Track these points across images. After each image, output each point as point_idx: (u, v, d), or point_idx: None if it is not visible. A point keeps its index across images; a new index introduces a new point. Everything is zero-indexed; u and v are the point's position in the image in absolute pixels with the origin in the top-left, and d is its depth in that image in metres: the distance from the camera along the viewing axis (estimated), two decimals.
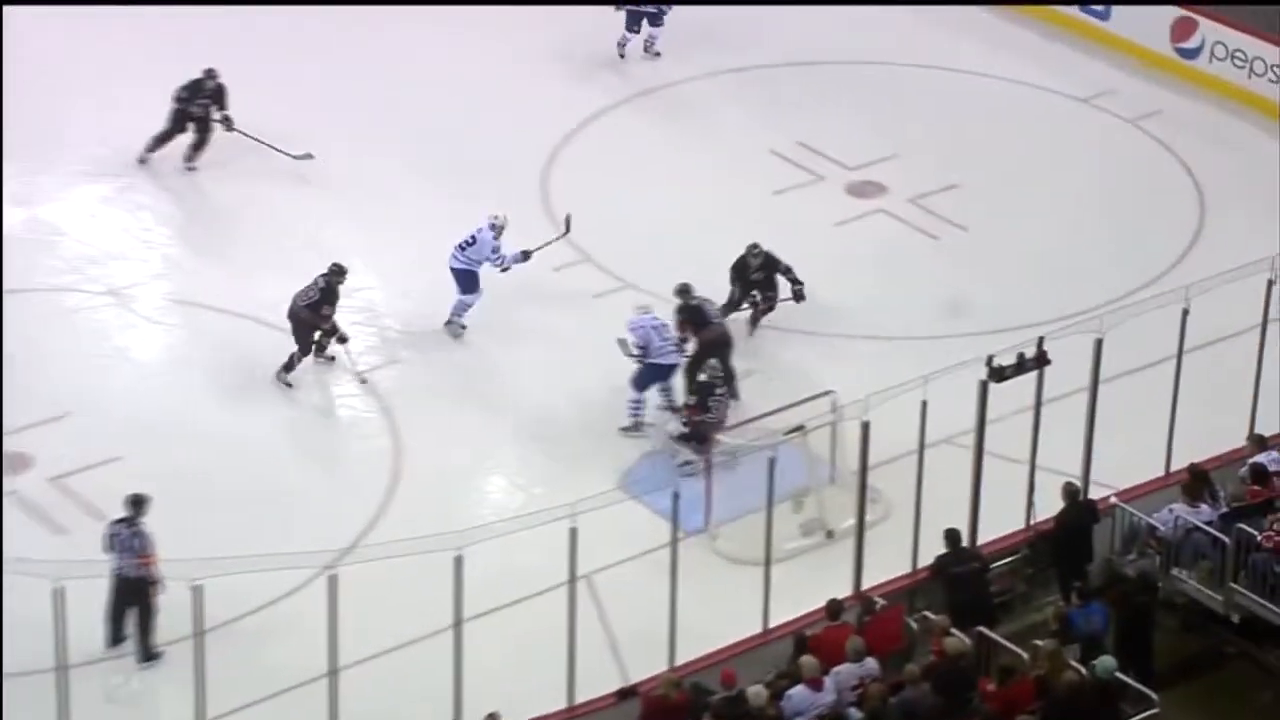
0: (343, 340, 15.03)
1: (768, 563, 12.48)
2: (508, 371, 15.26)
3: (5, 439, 14.09)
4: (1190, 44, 18.96)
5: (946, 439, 13.29)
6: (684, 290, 14.95)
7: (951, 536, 12.75)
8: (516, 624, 12.67)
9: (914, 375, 12.40)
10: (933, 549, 12.76)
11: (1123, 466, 13.53)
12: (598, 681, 12.06)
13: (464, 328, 15.52)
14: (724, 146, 18.06)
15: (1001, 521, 13.16)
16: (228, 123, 17.34)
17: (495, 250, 15.48)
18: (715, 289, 15.55)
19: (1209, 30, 18.83)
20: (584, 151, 18.02)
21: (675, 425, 14.30)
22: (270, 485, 14.03)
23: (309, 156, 17.32)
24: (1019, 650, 12.10)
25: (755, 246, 15.50)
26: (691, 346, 14.77)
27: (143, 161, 17.44)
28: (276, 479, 14.13)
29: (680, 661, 12.04)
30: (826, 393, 13.87)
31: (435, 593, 11.32)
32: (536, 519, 11.50)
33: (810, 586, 12.65)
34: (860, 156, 17.84)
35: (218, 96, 17.38)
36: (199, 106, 17.32)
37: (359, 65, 18.92)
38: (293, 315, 15.03)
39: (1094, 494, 13.23)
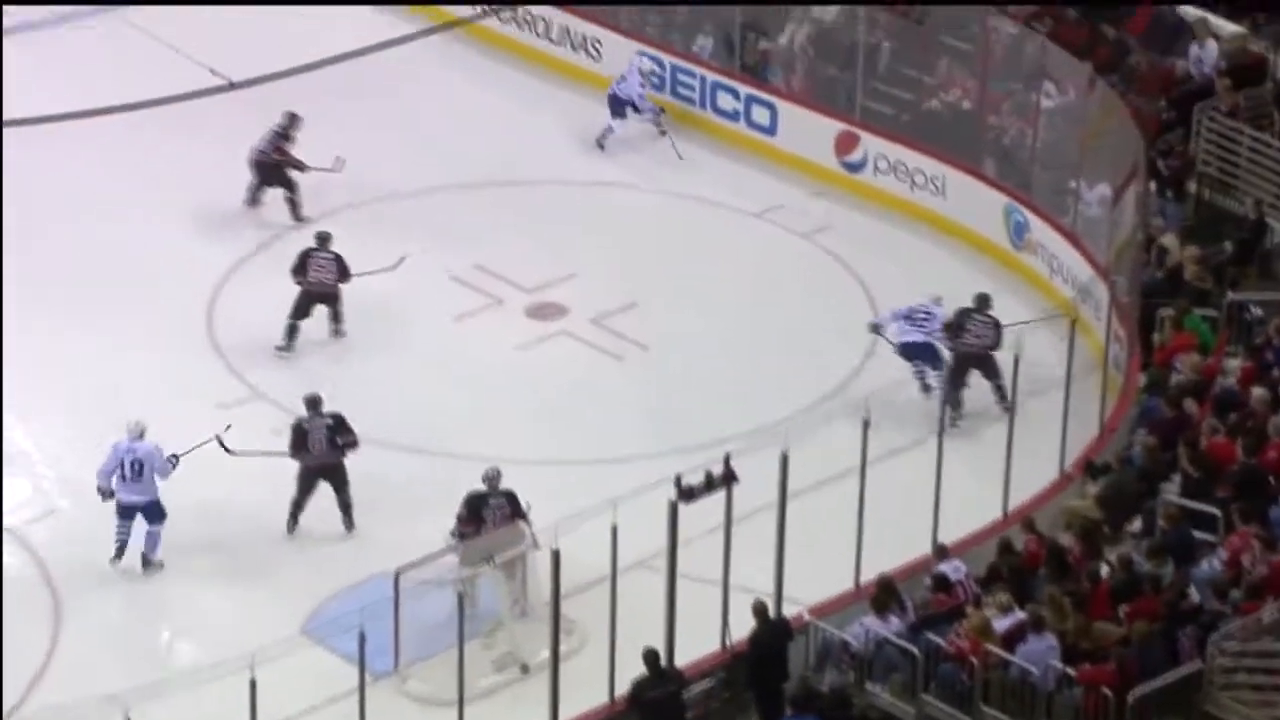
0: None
1: (461, 703, 12.24)
2: (172, 516, 14.55)
3: None
4: (854, 158, 19.42)
5: (639, 563, 13.24)
6: (310, 402, 14.67)
7: (650, 657, 12.67)
8: None
9: (603, 499, 12.31)
10: (630, 676, 12.64)
11: (815, 581, 13.61)
12: None
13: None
14: (400, 272, 17.55)
15: (699, 644, 13.11)
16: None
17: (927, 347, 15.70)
18: (398, 420, 15.33)
19: (871, 144, 19.33)
20: (251, 286, 17.60)
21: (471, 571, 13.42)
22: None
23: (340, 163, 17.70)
24: None
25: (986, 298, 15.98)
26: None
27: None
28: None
29: None
30: (515, 521, 13.70)
31: None
32: (213, 672, 11.18)
33: None
34: (539, 278, 17.83)
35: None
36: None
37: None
38: (323, 291, 16.52)
39: (788, 610, 13.29)
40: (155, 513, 14.32)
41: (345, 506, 14.65)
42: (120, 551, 14.32)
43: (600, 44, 20.93)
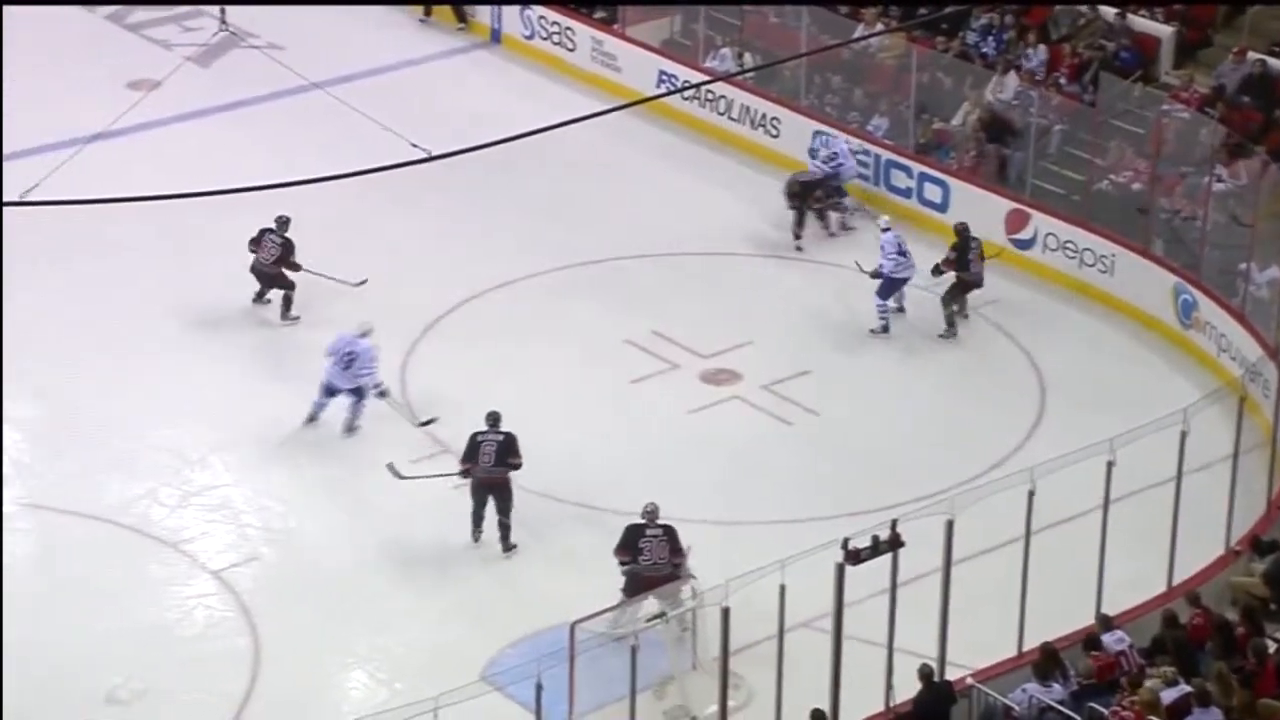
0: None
1: None
2: (365, 566, 15.26)
3: None
4: (1024, 235, 19.62)
5: (805, 623, 13.48)
6: (491, 417, 15.46)
7: (818, 718, 12.85)
8: None
9: (771, 560, 12.55)
10: None
11: (977, 646, 13.75)
12: None
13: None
14: (580, 337, 18.34)
15: (862, 705, 13.28)
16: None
17: None
18: (573, 479, 15.86)
19: (1041, 222, 19.54)
20: (440, 347, 18.21)
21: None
22: (126, 689, 13.92)
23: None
24: None
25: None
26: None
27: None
28: (131, 682, 14.02)
29: None
30: (687, 579, 14.05)
31: None
32: (397, 715, 11.50)
33: None
34: (714, 345, 18.22)
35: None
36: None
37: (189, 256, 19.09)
38: (261, 270, 17.86)
39: (950, 675, 13.44)
40: (357, 394, 16.37)
41: (504, 527, 15.15)
42: (312, 418, 16.38)
43: (779, 122, 21.48)
